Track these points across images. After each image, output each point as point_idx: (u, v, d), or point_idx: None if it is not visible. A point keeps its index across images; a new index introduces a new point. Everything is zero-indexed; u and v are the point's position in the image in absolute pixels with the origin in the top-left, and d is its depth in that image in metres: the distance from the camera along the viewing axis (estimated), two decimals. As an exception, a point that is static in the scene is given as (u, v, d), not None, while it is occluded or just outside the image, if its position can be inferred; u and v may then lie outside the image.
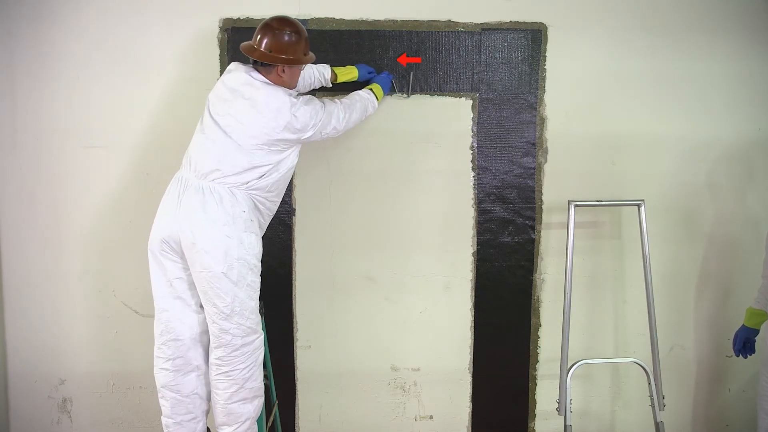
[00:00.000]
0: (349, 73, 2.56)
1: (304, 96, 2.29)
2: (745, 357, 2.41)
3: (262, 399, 2.29)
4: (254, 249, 2.20)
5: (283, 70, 2.21)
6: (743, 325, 2.39)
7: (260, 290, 2.27)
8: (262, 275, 2.26)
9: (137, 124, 2.66)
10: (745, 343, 2.38)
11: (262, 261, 2.24)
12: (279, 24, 2.20)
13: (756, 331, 2.37)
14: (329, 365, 2.82)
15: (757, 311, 2.34)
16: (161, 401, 2.26)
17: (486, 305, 2.80)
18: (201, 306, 2.22)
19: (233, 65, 2.30)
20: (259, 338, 2.25)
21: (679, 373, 2.87)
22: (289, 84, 2.26)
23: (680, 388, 2.88)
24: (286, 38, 2.18)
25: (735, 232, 2.81)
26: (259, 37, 2.19)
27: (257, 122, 2.14)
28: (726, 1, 2.70)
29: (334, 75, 2.54)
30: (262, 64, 2.20)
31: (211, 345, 2.21)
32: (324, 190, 2.72)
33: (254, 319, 2.23)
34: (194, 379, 2.24)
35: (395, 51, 2.66)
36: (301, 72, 2.34)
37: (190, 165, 2.18)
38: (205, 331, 2.23)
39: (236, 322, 2.16)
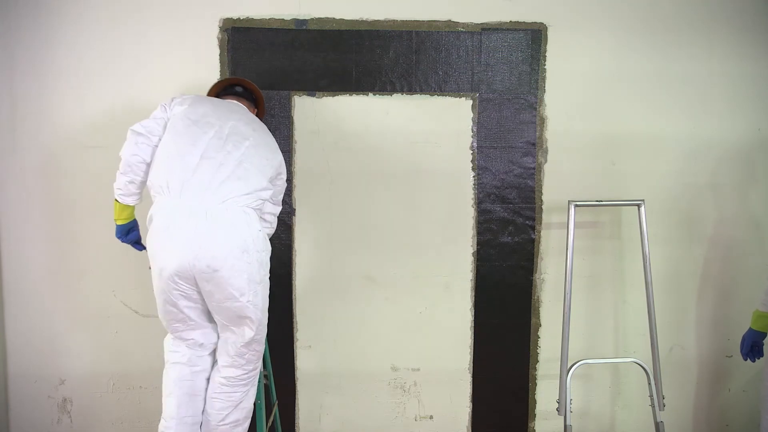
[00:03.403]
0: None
1: None
2: (753, 361, 2.34)
3: (249, 421, 2.23)
4: (268, 266, 2.18)
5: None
6: (750, 328, 2.31)
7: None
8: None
9: (137, 124, 2.66)
10: (752, 347, 2.31)
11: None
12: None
13: (763, 335, 2.29)
14: (329, 365, 2.82)
15: (764, 314, 2.27)
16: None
17: (486, 305, 2.80)
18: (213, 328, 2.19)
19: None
20: (261, 361, 2.24)
21: (679, 373, 2.87)
22: None
23: (680, 388, 2.88)
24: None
25: (735, 232, 2.81)
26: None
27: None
28: (726, 1, 2.70)
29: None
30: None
31: (222, 363, 2.15)
32: (324, 190, 2.72)
33: (264, 345, 2.24)
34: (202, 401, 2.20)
35: (395, 51, 2.67)
36: None
37: (187, 190, 1.98)
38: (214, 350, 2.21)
39: (254, 348, 2.14)
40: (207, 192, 1.97)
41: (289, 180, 2.69)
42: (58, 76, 2.64)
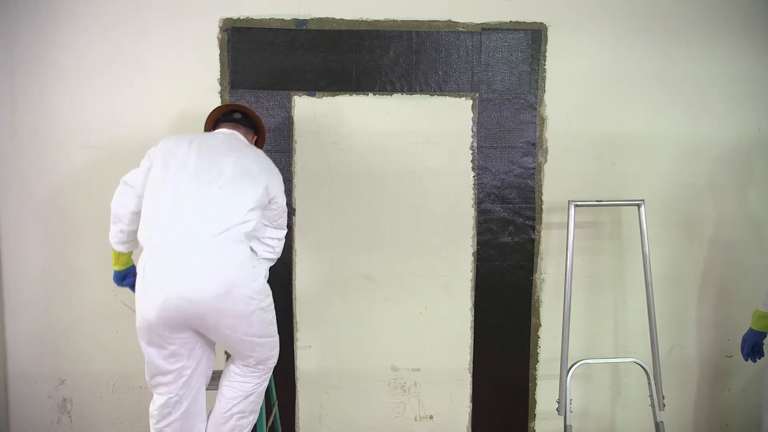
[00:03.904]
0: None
1: None
2: (754, 361, 2.32)
3: (256, 416, 2.22)
4: (266, 293, 2.11)
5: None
6: (750, 328, 2.29)
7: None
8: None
9: (137, 125, 2.66)
10: (753, 347, 2.30)
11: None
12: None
13: (764, 335, 2.27)
14: (329, 365, 2.82)
15: (765, 314, 2.24)
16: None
17: (486, 305, 2.80)
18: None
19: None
20: (276, 355, 2.22)
21: (679, 373, 2.87)
22: None
23: (680, 388, 2.88)
24: None
25: (735, 232, 2.81)
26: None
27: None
28: (726, 1, 2.70)
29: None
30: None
31: (236, 358, 2.14)
32: (324, 190, 2.72)
33: (277, 337, 2.21)
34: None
35: (395, 51, 2.67)
36: None
37: (166, 241, 1.92)
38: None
39: (269, 358, 2.17)
40: (183, 237, 1.90)
41: (289, 180, 2.69)
42: (58, 76, 2.64)
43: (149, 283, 1.91)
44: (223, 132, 2.24)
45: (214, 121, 2.33)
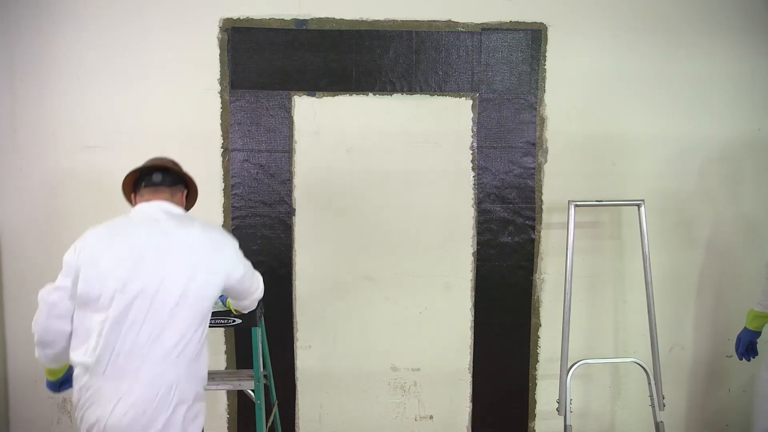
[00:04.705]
0: None
1: None
2: (749, 360, 2.36)
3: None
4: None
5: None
6: (745, 327, 2.33)
7: (260, 290, 2.26)
8: (263, 275, 2.22)
9: (137, 124, 2.66)
10: (748, 347, 2.33)
11: (262, 261, 2.21)
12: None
13: (759, 334, 2.32)
14: (329, 365, 2.82)
15: (761, 314, 2.27)
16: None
17: (486, 305, 2.80)
18: None
19: None
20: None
21: (679, 373, 2.87)
22: None
23: (680, 388, 2.88)
24: None
25: (734, 232, 2.81)
26: None
27: None
28: (726, 1, 2.70)
29: None
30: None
31: None
32: (324, 190, 2.72)
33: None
34: None
35: (395, 51, 2.67)
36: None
37: (97, 369, 1.68)
38: None
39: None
40: (116, 363, 1.68)
41: (289, 180, 2.69)
42: (58, 76, 2.64)
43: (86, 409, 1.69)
44: (147, 211, 1.85)
45: (132, 185, 1.94)
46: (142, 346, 1.69)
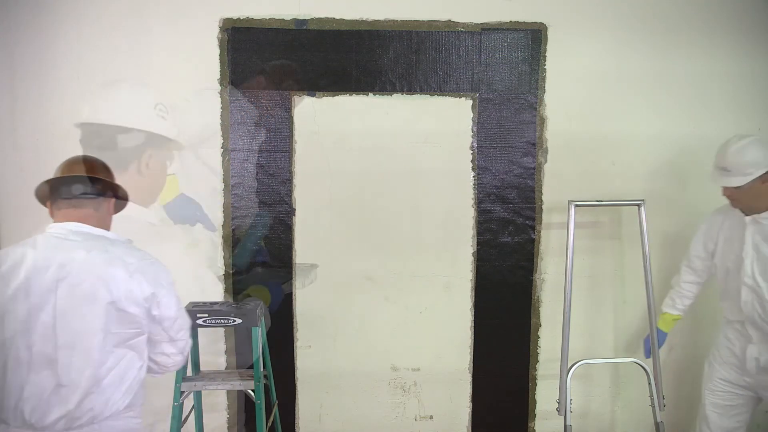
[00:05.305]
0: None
1: None
2: (648, 356, 2.63)
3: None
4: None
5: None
6: (658, 329, 2.61)
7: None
8: (263, 274, 2.23)
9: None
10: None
11: (262, 261, 2.20)
12: None
13: (666, 334, 2.63)
14: (329, 365, 2.82)
15: (675, 316, 2.60)
16: None
17: (486, 305, 2.80)
18: None
19: None
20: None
21: (679, 373, 2.87)
22: None
23: (680, 388, 2.88)
24: None
25: (735, 232, 2.81)
26: None
27: None
28: (726, 1, 2.70)
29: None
30: None
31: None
32: (324, 190, 2.72)
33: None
34: None
35: (395, 51, 2.67)
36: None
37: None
38: None
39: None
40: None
41: (289, 180, 2.69)
42: (58, 76, 2.64)
43: None
44: (61, 235, 1.59)
45: (48, 196, 1.67)
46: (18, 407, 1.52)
